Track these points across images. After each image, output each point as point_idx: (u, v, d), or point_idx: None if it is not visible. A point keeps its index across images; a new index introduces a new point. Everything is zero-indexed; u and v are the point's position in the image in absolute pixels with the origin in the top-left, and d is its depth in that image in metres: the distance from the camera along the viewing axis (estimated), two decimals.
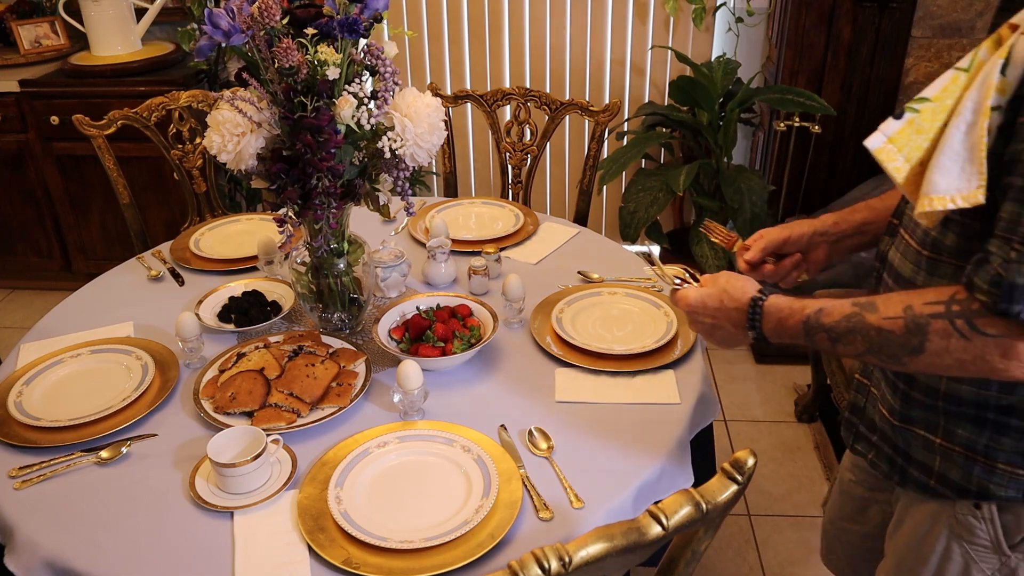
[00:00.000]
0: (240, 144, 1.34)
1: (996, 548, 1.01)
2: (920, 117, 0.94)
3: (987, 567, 1.02)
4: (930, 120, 0.92)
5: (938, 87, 0.92)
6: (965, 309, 0.87)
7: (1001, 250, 0.84)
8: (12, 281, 3.53)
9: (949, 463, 1.01)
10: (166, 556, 1.12)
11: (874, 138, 0.95)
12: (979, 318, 0.86)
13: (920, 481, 1.06)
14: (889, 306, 0.93)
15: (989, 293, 0.84)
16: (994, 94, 0.85)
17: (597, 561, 0.78)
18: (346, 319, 1.60)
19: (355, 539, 1.12)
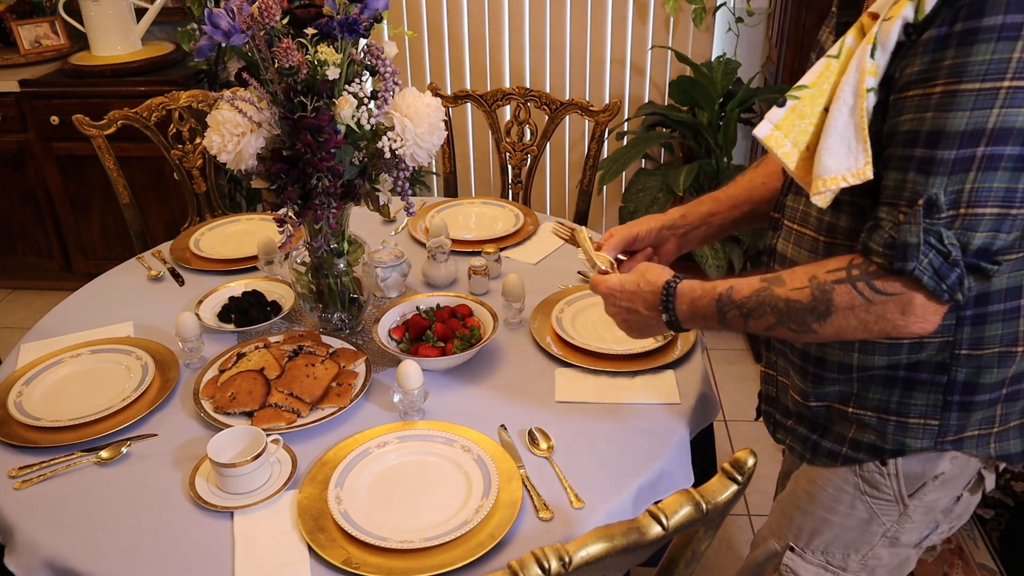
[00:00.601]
0: (240, 144, 1.34)
1: (898, 499, 1.08)
2: (801, 103, 0.99)
3: (887, 519, 1.10)
4: (810, 105, 0.97)
5: (814, 74, 0.97)
6: (864, 272, 0.92)
7: (890, 215, 0.90)
8: (12, 281, 3.53)
9: (863, 428, 1.07)
10: (166, 556, 1.12)
11: (762, 127, 0.99)
12: (878, 279, 0.91)
13: (832, 451, 1.11)
14: (795, 278, 0.98)
15: (884, 255, 0.90)
16: (868, 77, 0.90)
17: (597, 561, 0.78)
18: (346, 319, 1.60)
19: (355, 539, 1.12)
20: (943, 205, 0.85)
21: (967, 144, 0.83)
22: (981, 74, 0.81)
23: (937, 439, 1.03)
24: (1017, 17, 0.79)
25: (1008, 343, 0.98)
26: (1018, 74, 0.80)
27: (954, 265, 0.87)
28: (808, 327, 0.97)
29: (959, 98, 0.82)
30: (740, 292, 1.02)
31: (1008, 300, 0.96)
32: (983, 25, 0.80)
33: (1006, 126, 0.82)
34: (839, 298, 0.94)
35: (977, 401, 1.01)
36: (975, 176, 0.84)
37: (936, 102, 0.84)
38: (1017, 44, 0.80)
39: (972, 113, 0.82)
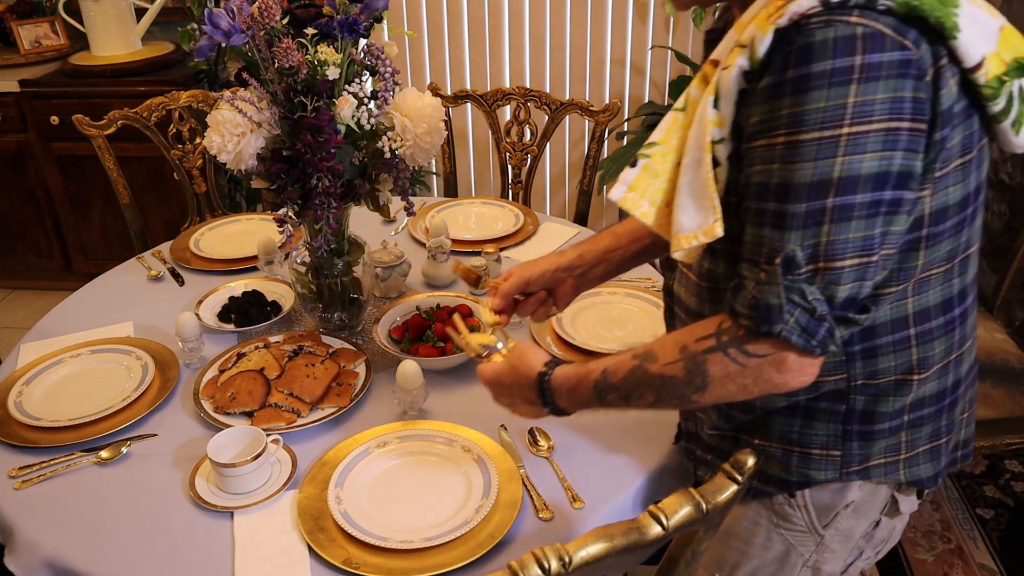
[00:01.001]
0: (240, 144, 1.34)
1: (811, 530, 1.05)
2: (652, 161, 0.97)
3: (805, 549, 1.07)
4: (662, 163, 0.95)
5: (663, 129, 0.95)
6: (733, 336, 0.89)
7: (752, 273, 0.87)
8: (12, 281, 3.53)
9: (769, 460, 1.04)
10: (166, 556, 1.12)
11: (616, 189, 0.98)
12: (748, 342, 0.88)
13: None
14: (666, 352, 0.95)
15: (750, 317, 0.87)
16: (713, 128, 0.87)
17: (597, 561, 0.78)
18: (346, 319, 1.60)
19: (355, 539, 1.12)
20: (801, 261, 0.83)
21: (815, 196, 0.80)
22: (819, 123, 0.78)
23: (841, 470, 1.00)
24: (846, 60, 0.77)
25: (903, 372, 0.96)
26: (856, 119, 0.77)
27: (821, 320, 0.84)
28: (689, 399, 0.94)
29: (801, 149, 0.79)
30: (616, 374, 0.99)
31: (896, 331, 0.94)
32: (813, 71, 0.77)
33: (851, 174, 0.79)
34: (713, 368, 0.91)
35: (877, 430, 0.98)
36: (828, 229, 0.81)
37: (780, 153, 0.81)
38: (850, 88, 0.77)
39: (816, 164, 0.79)
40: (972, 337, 1.03)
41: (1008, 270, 2.10)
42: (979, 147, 0.88)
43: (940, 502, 2.28)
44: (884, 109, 0.78)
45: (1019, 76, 0.87)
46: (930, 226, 0.87)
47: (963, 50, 0.81)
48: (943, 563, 2.09)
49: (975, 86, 0.84)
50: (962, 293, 0.96)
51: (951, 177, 0.86)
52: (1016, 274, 2.09)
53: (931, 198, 0.86)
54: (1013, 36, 0.87)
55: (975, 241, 0.95)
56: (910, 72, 0.78)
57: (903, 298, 0.92)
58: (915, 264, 0.89)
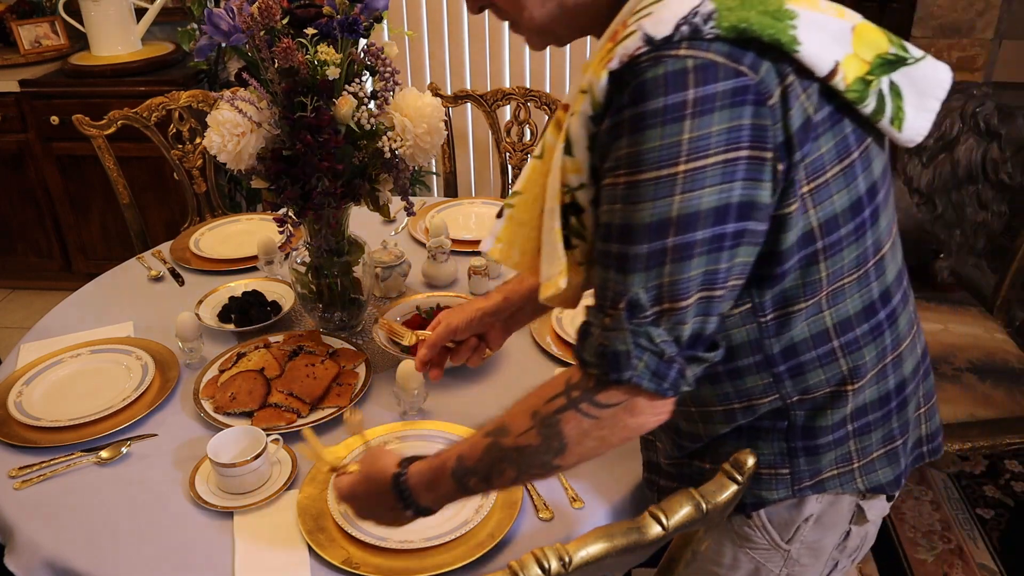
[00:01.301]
0: (240, 144, 1.34)
1: (775, 546, 1.03)
2: (516, 211, 0.97)
3: (774, 565, 1.05)
4: (526, 212, 0.95)
5: (524, 178, 0.95)
6: (583, 390, 0.87)
7: (597, 319, 0.85)
8: (12, 281, 3.52)
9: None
10: (166, 556, 1.12)
11: (486, 242, 0.98)
12: (599, 393, 0.86)
13: None
14: (517, 421, 0.91)
15: (598, 366, 0.84)
16: (570, 175, 0.86)
17: (597, 561, 0.78)
18: (346, 319, 1.60)
19: (355, 539, 1.12)
20: (646, 304, 0.80)
21: (656, 237, 0.78)
22: (655, 162, 0.76)
23: (793, 487, 0.97)
24: (678, 96, 0.75)
25: (836, 384, 0.93)
26: (691, 155, 0.76)
27: (671, 362, 0.82)
28: (551, 465, 0.90)
29: (640, 189, 0.77)
30: (471, 458, 0.94)
31: (818, 346, 0.91)
32: (648, 110, 0.75)
33: (690, 211, 0.77)
34: (568, 427, 0.87)
35: (821, 443, 0.96)
36: (670, 269, 0.79)
37: (621, 194, 0.79)
38: (684, 124, 0.75)
39: (655, 203, 0.77)
40: (912, 334, 1.00)
41: (1008, 270, 2.10)
42: (861, 149, 0.86)
43: (940, 502, 2.28)
44: (720, 141, 0.76)
45: (885, 73, 0.85)
46: (823, 237, 0.86)
47: (810, 61, 0.78)
48: (943, 563, 2.09)
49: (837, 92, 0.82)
50: (884, 295, 0.94)
51: (832, 186, 0.84)
52: (1016, 274, 2.09)
53: (815, 210, 0.84)
54: (870, 32, 0.85)
55: (885, 241, 0.93)
56: (747, 98, 0.76)
57: (818, 312, 0.90)
58: (819, 277, 0.87)
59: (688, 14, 0.76)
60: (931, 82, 0.88)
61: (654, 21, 0.77)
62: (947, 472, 2.38)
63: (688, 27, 0.76)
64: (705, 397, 0.97)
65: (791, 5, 0.79)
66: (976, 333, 2.03)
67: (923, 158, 2.66)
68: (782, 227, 0.83)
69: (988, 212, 2.68)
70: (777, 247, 0.84)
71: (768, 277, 0.86)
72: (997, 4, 2.74)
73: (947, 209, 2.69)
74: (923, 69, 0.87)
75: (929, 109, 0.88)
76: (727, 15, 0.76)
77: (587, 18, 0.91)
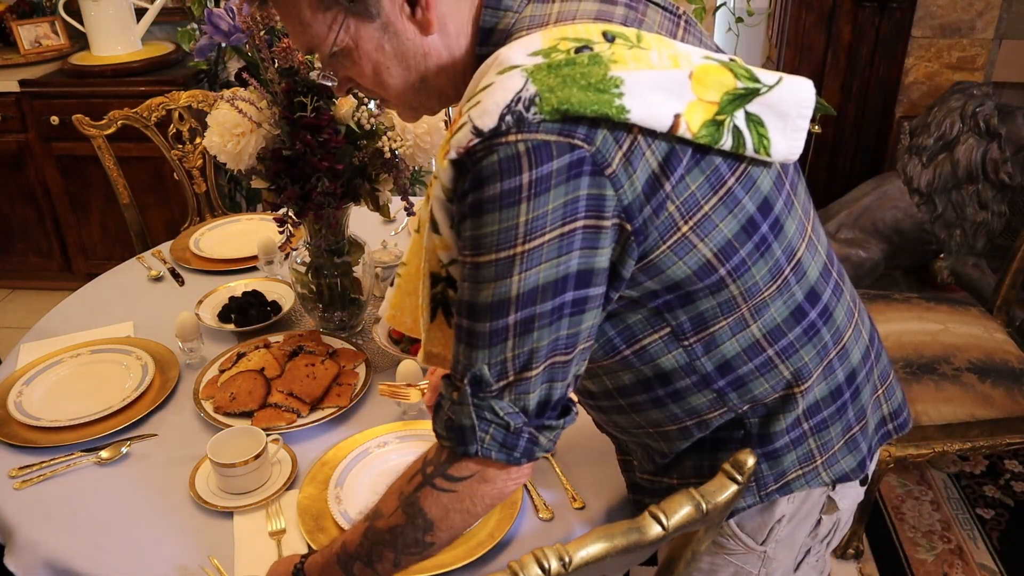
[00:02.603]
0: (240, 144, 1.34)
1: (750, 549, 1.04)
2: (402, 281, 1.00)
3: (752, 567, 1.06)
4: (410, 283, 0.97)
5: (408, 250, 0.99)
6: (436, 465, 0.88)
7: (448, 392, 0.86)
8: (12, 281, 3.52)
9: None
10: (166, 556, 1.12)
11: (383, 307, 1.06)
12: (451, 466, 0.87)
13: None
14: (387, 503, 0.93)
15: (449, 439, 0.86)
16: (440, 253, 0.88)
17: (597, 561, 0.78)
18: (346, 319, 1.60)
19: None
20: (490, 379, 0.82)
21: (497, 315, 0.80)
22: (494, 245, 0.78)
23: (760, 493, 0.98)
24: (513, 181, 0.76)
25: (783, 389, 0.94)
26: (528, 236, 0.77)
27: (518, 433, 0.83)
28: (424, 543, 0.91)
29: (481, 271, 0.79)
30: (352, 542, 0.95)
31: (753, 358, 0.91)
32: (484, 196, 0.77)
33: (529, 288, 0.78)
34: (427, 504, 0.88)
35: (780, 447, 0.96)
36: (513, 344, 0.81)
37: (467, 273, 0.81)
38: (520, 208, 0.76)
39: (496, 284, 0.79)
40: (853, 323, 1.00)
41: (1008, 270, 2.10)
42: (737, 174, 0.86)
43: (940, 502, 2.28)
44: (557, 217, 0.77)
45: (738, 107, 0.84)
46: (724, 263, 0.86)
47: (646, 122, 0.78)
48: (943, 563, 2.09)
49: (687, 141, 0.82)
50: (811, 295, 0.93)
51: (715, 216, 0.84)
52: (1016, 274, 2.09)
53: (704, 243, 0.84)
54: (711, 74, 0.83)
55: (798, 243, 0.92)
56: (584, 170, 0.77)
57: (744, 327, 0.90)
58: (732, 296, 0.88)
59: (511, 102, 0.76)
60: (792, 104, 0.87)
61: (480, 112, 0.77)
62: (947, 472, 2.38)
63: (512, 116, 0.76)
64: (657, 419, 0.98)
65: (616, 70, 0.78)
66: (976, 333, 2.03)
67: (923, 158, 2.66)
68: (659, 267, 0.84)
69: (988, 212, 2.68)
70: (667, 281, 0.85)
71: (676, 303, 0.87)
72: (997, 4, 2.74)
73: (947, 209, 2.69)
74: (779, 94, 0.86)
75: (797, 129, 0.88)
76: (549, 97, 0.76)
77: (450, 88, 0.92)
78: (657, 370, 0.92)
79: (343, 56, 0.89)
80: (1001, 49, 2.82)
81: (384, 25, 0.86)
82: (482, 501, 0.89)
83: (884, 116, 2.93)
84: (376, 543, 0.93)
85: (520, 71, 0.78)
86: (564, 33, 0.81)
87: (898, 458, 1.90)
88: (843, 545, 2.09)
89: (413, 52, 0.88)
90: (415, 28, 0.87)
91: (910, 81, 2.88)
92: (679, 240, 0.84)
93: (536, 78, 0.77)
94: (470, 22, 0.88)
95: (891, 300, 2.18)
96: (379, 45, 0.87)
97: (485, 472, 0.86)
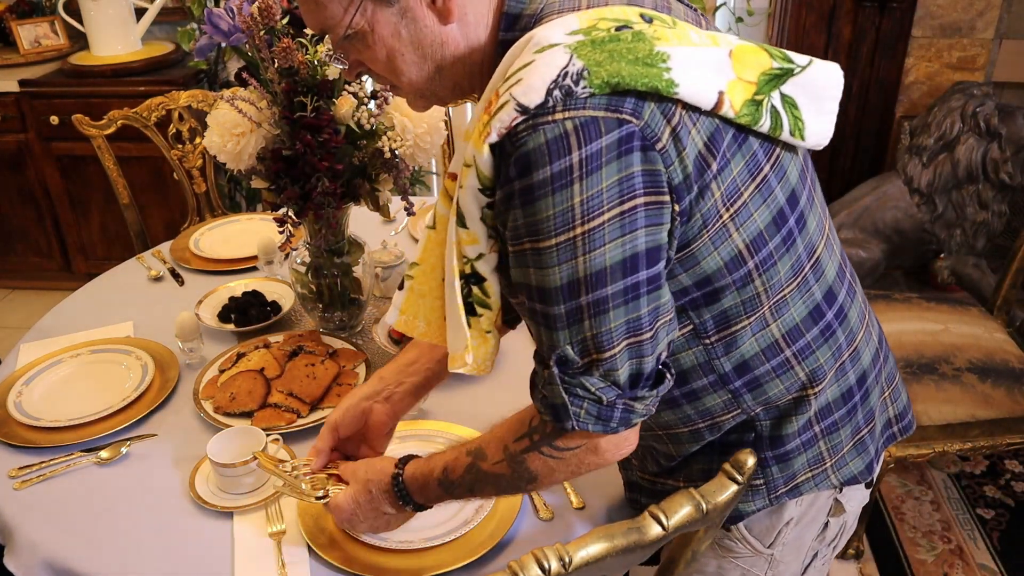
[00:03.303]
0: (240, 144, 1.34)
1: (758, 552, 1.04)
2: (416, 283, 0.98)
3: (759, 570, 1.06)
4: (426, 283, 0.96)
5: (421, 248, 0.97)
6: (543, 434, 0.89)
7: (539, 369, 0.87)
8: (12, 281, 3.52)
9: None
10: (166, 556, 1.12)
11: (390, 313, 1.02)
12: (557, 438, 0.88)
13: None
14: (492, 450, 0.94)
15: (547, 414, 0.87)
16: (466, 247, 0.87)
17: (597, 561, 0.78)
18: (346, 319, 1.60)
19: (355, 539, 1.11)
20: (575, 358, 0.82)
21: (570, 297, 0.80)
22: (552, 229, 0.77)
23: (769, 496, 0.98)
24: (563, 162, 0.75)
25: (797, 390, 0.94)
26: (586, 216, 0.76)
27: (612, 406, 0.83)
28: (527, 490, 0.96)
29: (544, 256, 0.79)
30: (455, 471, 0.96)
31: (771, 358, 0.91)
32: (535, 181, 0.76)
33: (598, 268, 0.78)
34: (535, 466, 0.90)
35: (791, 449, 0.96)
36: (590, 324, 0.80)
37: (530, 259, 0.81)
38: (574, 189, 0.75)
39: (561, 267, 0.78)
40: (864, 325, 1.00)
41: (1008, 270, 2.10)
42: (772, 161, 0.86)
43: (940, 502, 2.28)
44: (613, 195, 0.76)
45: (774, 87, 0.84)
46: (753, 255, 0.86)
47: (693, 98, 0.78)
48: (943, 563, 2.09)
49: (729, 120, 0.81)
50: (828, 295, 0.93)
51: (751, 205, 0.84)
52: (1016, 274, 2.09)
53: (739, 232, 0.84)
54: (748, 53, 0.84)
55: (817, 241, 0.92)
56: (634, 145, 0.76)
57: (764, 326, 0.90)
58: (756, 293, 0.87)
59: (558, 76, 0.75)
60: (823, 85, 0.87)
61: (524, 89, 0.76)
62: (947, 472, 2.38)
63: (560, 91, 0.75)
64: (668, 421, 0.97)
65: (661, 46, 0.78)
66: (976, 333, 2.03)
67: (923, 158, 2.66)
68: (696, 257, 0.84)
69: (988, 212, 2.68)
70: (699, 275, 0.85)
71: (702, 301, 0.87)
72: (997, 4, 2.74)
73: (947, 209, 2.69)
74: (812, 74, 0.86)
75: (828, 111, 0.88)
76: (597, 71, 0.75)
77: (465, 79, 0.91)
78: (676, 367, 0.91)
79: (357, 39, 0.87)
80: (1001, 49, 2.82)
81: (403, 10, 0.84)
82: (588, 466, 0.90)
83: (884, 116, 2.93)
84: (479, 480, 0.95)
85: (563, 48, 0.77)
86: (602, 14, 0.80)
87: (898, 458, 1.90)
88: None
89: (430, 40, 0.86)
90: (434, 16, 0.85)
91: (910, 81, 2.88)
92: (719, 228, 0.83)
93: (581, 53, 0.76)
94: (492, 11, 0.87)
95: (891, 300, 2.18)
96: (395, 31, 0.86)
97: (594, 443, 0.87)
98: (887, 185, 2.72)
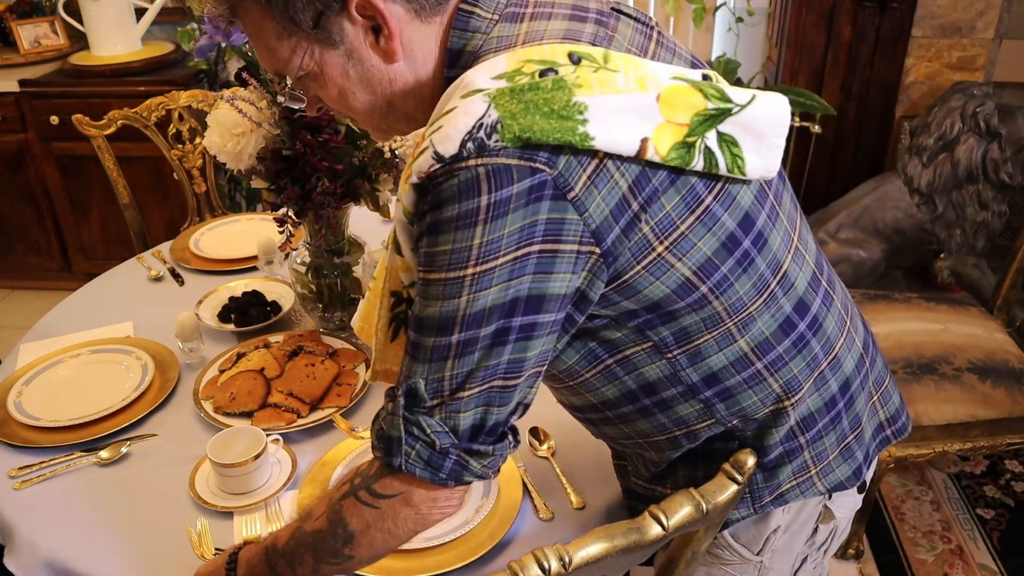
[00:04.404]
0: (240, 144, 1.34)
1: (746, 560, 1.03)
2: (370, 294, 0.99)
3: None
4: (379, 297, 0.96)
5: (379, 264, 0.97)
6: (364, 477, 0.88)
7: (386, 401, 0.86)
8: (12, 281, 3.52)
9: None
10: (166, 556, 1.12)
11: (354, 319, 1.05)
12: (377, 482, 0.86)
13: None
14: (319, 506, 0.92)
15: (379, 448, 0.85)
16: (402, 274, 0.88)
17: (597, 561, 0.78)
18: (346, 319, 1.60)
19: None
20: (425, 395, 0.82)
21: (442, 332, 0.80)
22: (446, 265, 0.78)
23: (754, 505, 0.97)
24: (471, 203, 0.75)
25: (773, 402, 0.93)
26: (481, 259, 0.76)
27: (445, 453, 0.82)
28: (343, 555, 0.90)
29: (431, 288, 0.80)
30: (281, 539, 0.94)
31: (741, 371, 0.90)
32: (443, 217, 0.77)
33: (476, 310, 0.78)
34: (349, 515, 0.88)
35: (774, 459, 0.95)
36: (452, 364, 0.81)
37: (420, 289, 0.82)
38: (476, 230, 0.76)
39: (443, 303, 0.79)
40: (844, 332, 0.99)
41: (1008, 270, 2.10)
42: (715, 192, 0.84)
43: (940, 502, 2.28)
44: (512, 241, 0.76)
45: (709, 128, 0.82)
46: (705, 280, 0.85)
47: (612, 148, 0.77)
48: (943, 563, 2.09)
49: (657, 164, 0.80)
50: (799, 306, 0.92)
51: (692, 235, 0.83)
52: (1016, 274, 2.09)
53: (682, 262, 0.83)
54: (679, 95, 0.81)
55: (783, 256, 0.91)
56: (545, 194, 0.76)
57: (731, 341, 0.89)
58: (716, 312, 0.87)
59: (473, 128, 0.76)
60: (766, 122, 0.85)
61: (441, 137, 0.77)
62: (947, 472, 2.38)
63: (473, 143, 0.75)
64: (644, 430, 0.97)
65: (581, 95, 0.77)
66: (976, 333, 2.03)
67: (923, 158, 2.66)
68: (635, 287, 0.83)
69: (988, 212, 2.68)
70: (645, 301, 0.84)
71: (658, 321, 0.86)
72: (997, 4, 2.74)
73: (947, 209, 2.69)
74: (753, 112, 0.84)
75: (773, 147, 0.86)
76: (511, 125, 0.75)
77: (419, 112, 0.91)
78: (641, 380, 0.91)
79: (310, 79, 0.90)
80: (1001, 49, 2.82)
81: (348, 52, 0.86)
82: (404, 524, 0.88)
83: (884, 116, 2.93)
84: (300, 545, 0.92)
85: (483, 96, 0.77)
86: (529, 55, 0.80)
87: (898, 458, 1.90)
88: (843, 545, 2.10)
89: (378, 79, 0.88)
90: (379, 56, 0.86)
91: (910, 81, 2.88)
92: (654, 260, 0.82)
93: (498, 104, 0.76)
94: (438, 45, 0.88)
95: (891, 300, 2.18)
96: (343, 71, 0.88)
97: (410, 494, 0.86)
98: (887, 185, 2.72)
